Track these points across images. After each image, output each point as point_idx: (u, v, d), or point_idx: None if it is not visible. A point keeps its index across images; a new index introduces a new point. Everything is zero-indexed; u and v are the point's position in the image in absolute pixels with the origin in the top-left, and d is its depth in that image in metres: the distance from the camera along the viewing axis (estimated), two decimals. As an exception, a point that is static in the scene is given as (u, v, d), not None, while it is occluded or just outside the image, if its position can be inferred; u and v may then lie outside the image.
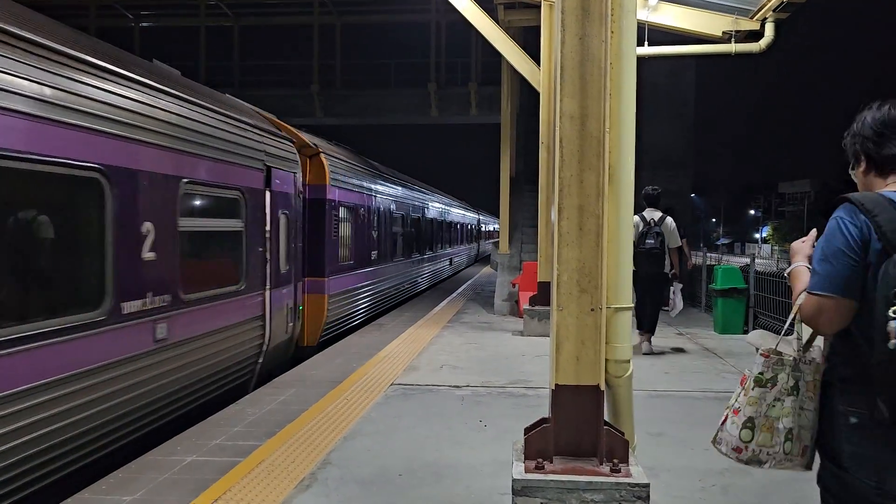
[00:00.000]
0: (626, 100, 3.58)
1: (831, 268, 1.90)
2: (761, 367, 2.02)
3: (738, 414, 2.03)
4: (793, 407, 2.00)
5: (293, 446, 4.87)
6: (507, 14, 13.05)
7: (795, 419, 2.00)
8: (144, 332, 5.23)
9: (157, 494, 4.03)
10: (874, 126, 2.00)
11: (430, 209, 21.04)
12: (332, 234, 10.15)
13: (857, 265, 1.87)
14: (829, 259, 1.91)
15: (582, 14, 3.26)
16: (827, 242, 1.94)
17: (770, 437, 2.01)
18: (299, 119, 17.58)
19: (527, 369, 7.56)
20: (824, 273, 1.92)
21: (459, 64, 24.76)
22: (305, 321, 9.45)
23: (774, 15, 9.29)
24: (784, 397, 2.00)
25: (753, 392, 2.02)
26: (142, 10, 25.62)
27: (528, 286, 11.39)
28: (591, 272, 3.26)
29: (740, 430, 2.02)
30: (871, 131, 2.01)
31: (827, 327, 1.95)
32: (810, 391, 2.00)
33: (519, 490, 3.05)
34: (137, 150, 5.15)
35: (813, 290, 1.94)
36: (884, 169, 1.99)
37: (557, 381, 3.27)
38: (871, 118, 2.02)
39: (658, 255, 8.29)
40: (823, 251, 1.94)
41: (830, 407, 1.98)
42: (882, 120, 1.99)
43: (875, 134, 2.00)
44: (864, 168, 2.06)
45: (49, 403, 4.17)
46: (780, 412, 2.00)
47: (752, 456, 2.03)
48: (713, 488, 4.15)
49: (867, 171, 2.05)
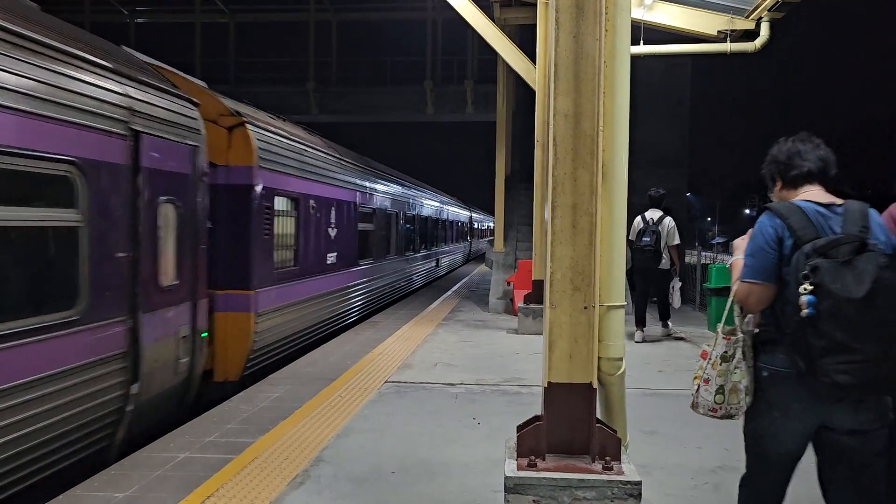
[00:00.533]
0: (620, 98, 3.58)
1: (756, 261, 2.53)
2: (725, 347, 2.61)
3: (709, 384, 2.64)
4: (746, 369, 2.61)
5: (286, 443, 4.87)
6: (502, 12, 13.03)
7: (750, 378, 2.61)
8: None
9: (149, 491, 4.03)
10: (782, 156, 2.70)
11: (413, 204, 18.57)
12: (264, 233, 7.70)
13: (775, 258, 2.49)
14: (755, 254, 2.53)
15: (576, 12, 3.26)
16: (753, 241, 2.57)
17: (735, 396, 2.62)
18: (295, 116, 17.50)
19: (521, 367, 7.57)
20: (751, 265, 2.54)
21: (455, 62, 24.73)
22: (220, 349, 7.18)
23: (770, 14, 9.30)
24: (741, 364, 2.61)
25: (721, 366, 2.62)
26: (137, 5, 25.55)
27: (523, 284, 11.39)
28: (584, 270, 3.27)
29: (714, 396, 2.64)
30: (782, 159, 2.70)
31: (755, 306, 2.58)
32: (748, 354, 2.62)
33: (511, 487, 3.06)
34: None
35: (744, 278, 2.56)
36: (793, 184, 2.66)
37: (550, 378, 3.28)
38: (779, 150, 2.73)
39: (651, 251, 9.03)
40: (750, 248, 2.57)
41: (757, 364, 2.61)
42: (788, 151, 2.69)
43: (785, 160, 2.69)
44: (780, 187, 2.73)
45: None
46: (740, 377, 2.61)
47: (725, 413, 2.66)
48: (705, 486, 4.17)
49: (781, 189, 2.73)
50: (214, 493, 3.97)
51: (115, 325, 5.02)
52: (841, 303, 2.28)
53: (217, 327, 7.11)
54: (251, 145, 7.44)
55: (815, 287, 2.31)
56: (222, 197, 7.21)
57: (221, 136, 7.29)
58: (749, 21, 9.68)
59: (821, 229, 2.45)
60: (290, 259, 8.78)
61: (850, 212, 2.49)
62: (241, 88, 20.33)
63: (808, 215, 2.48)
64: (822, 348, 2.30)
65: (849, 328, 2.28)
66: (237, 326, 7.28)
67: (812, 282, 2.31)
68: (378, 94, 24.57)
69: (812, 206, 2.52)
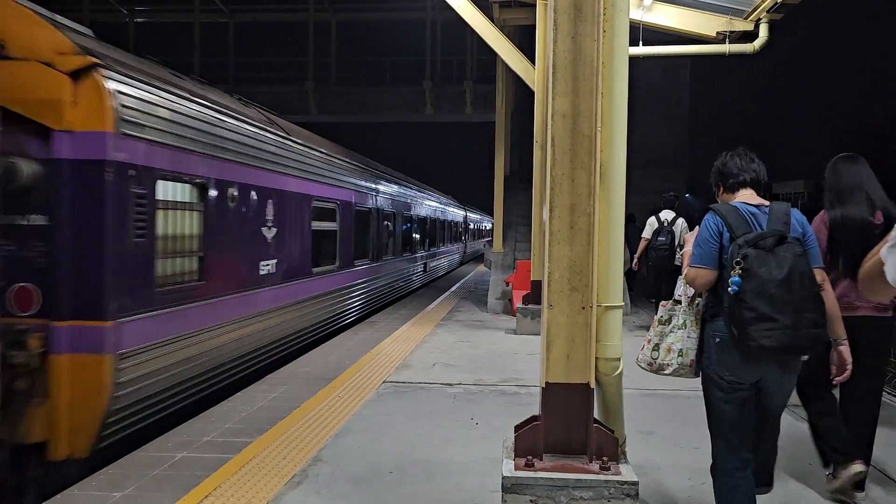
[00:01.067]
0: (618, 99, 3.59)
1: (702, 250, 3.11)
2: (662, 312, 3.29)
3: (649, 342, 3.31)
4: (681, 336, 3.21)
5: (284, 443, 4.87)
6: (502, 12, 13.02)
7: (685, 343, 3.20)
8: None
9: (147, 491, 4.03)
10: (724, 168, 3.32)
11: (397, 202, 15.70)
12: (134, 233, 5.29)
13: (716, 248, 3.07)
14: (701, 245, 3.12)
15: (574, 13, 3.27)
16: (700, 235, 3.16)
17: (668, 354, 3.23)
18: (294, 116, 17.48)
19: (519, 367, 7.57)
20: (698, 254, 3.12)
21: (455, 62, 24.76)
22: (58, 410, 4.75)
23: (768, 16, 9.31)
24: (676, 330, 3.23)
25: (658, 328, 3.29)
26: (136, 4, 25.56)
27: (522, 285, 11.39)
28: (581, 270, 3.28)
29: (651, 352, 3.29)
30: (723, 170, 3.31)
31: (701, 287, 3.15)
32: (695, 325, 3.21)
33: (509, 487, 3.06)
34: None
35: (692, 264, 3.14)
36: (732, 190, 3.28)
37: (548, 378, 3.28)
38: (722, 163, 3.34)
39: (666, 250, 9.92)
40: (698, 240, 3.16)
41: (705, 334, 3.17)
42: (728, 164, 3.30)
43: (726, 171, 3.30)
44: (721, 192, 3.35)
45: None
46: (673, 339, 3.23)
47: (658, 367, 3.27)
48: (703, 486, 4.17)
49: (722, 193, 3.34)
50: (212, 493, 3.97)
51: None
52: (765, 283, 2.86)
53: (55, 377, 4.76)
54: (107, 102, 4.96)
55: (746, 271, 2.88)
56: (62, 178, 4.86)
57: (62, 86, 4.85)
58: (748, 22, 9.69)
59: (751, 225, 3.04)
60: (189, 272, 6.24)
61: (775, 212, 3.09)
62: (241, 88, 20.30)
63: (741, 214, 3.08)
64: (750, 319, 2.86)
65: (771, 303, 2.85)
66: (85, 375, 4.84)
67: (743, 267, 2.89)
68: (377, 95, 24.59)
69: (745, 206, 3.13)
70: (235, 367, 7.12)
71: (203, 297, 6.38)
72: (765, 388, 3.09)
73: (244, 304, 7.27)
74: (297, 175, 8.89)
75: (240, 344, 7.15)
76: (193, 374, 6.18)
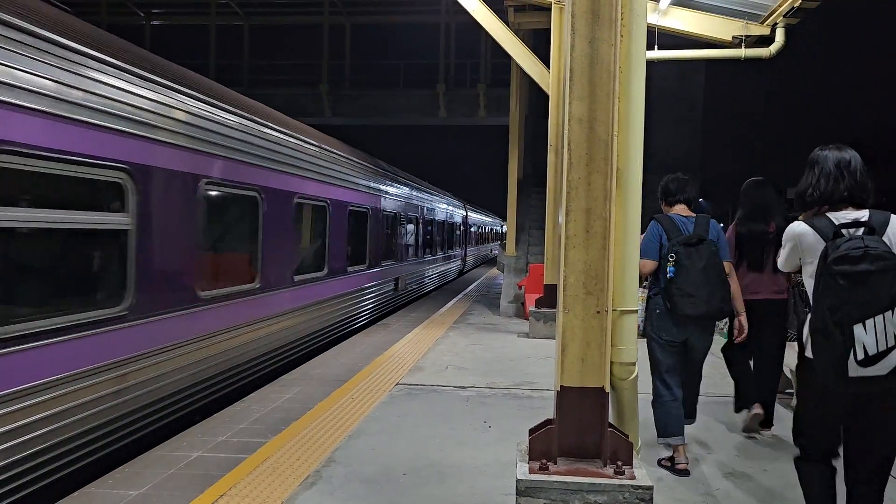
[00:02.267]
0: (634, 103, 3.59)
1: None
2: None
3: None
4: None
5: (298, 444, 4.90)
6: (516, 16, 13.05)
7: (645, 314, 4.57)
8: None
9: (162, 489, 4.06)
10: (664, 186, 4.68)
11: (370, 194, 11.89)
12: None
13: (657, 246, 4.37)
14: (646, 243, 4.35)
15: (592, 18, 3.28)
16: (645, 236, 4.35)
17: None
18: (308, 119, 17.54)
19: (532, 371, 7.56)
20: (644, 249, 4.27)
21: (468, 65, 24.75)
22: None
23: (785, 20, 9.25)
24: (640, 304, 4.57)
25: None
26: (153, 7, 25.76)
27: (535, 288, 11.39)
28: (597, 275, 3.27)
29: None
30: (664, 187, 4.68)
31: (646, 274, 4.36)
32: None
33: (523, 491, 3.06)
34: None
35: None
36: (670, 204, 4.64)
37: (562, 382, 3.28)
38: (665, 183, 4.67)
39: None
40: (644, 240, 4.32)
41: (648, 307, 4.49)
42: (667, 184, 4.67)
43: (667, 190, 4.67)
44: (664, 205, 4.66)
45: None
46: None
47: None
48: (717, 492, 4.15)
49: (665, 206, 4.66)
50: (227, 492, 4.00)
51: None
52: (690, 271, 4.19)
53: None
54: None
55: (677, 262, 4.22)
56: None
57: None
58: (764, 27, 9.64)
59: (682, 230, 4.37)
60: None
61: (699, 221, 4.45)
62: (255, 90, 20.43)
63: (675, 222, 4.42)
64: (679, 295, 4.21)
65: (693, 285, 4.18)
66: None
67: (675, 260, 4.22)
68: (391, 97, 24.62)
69: (679, 217, 4.48)
70: None
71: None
72: (690, 344, 4.44)
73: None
74: (242, 157, 6.76)
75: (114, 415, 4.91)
76: None
